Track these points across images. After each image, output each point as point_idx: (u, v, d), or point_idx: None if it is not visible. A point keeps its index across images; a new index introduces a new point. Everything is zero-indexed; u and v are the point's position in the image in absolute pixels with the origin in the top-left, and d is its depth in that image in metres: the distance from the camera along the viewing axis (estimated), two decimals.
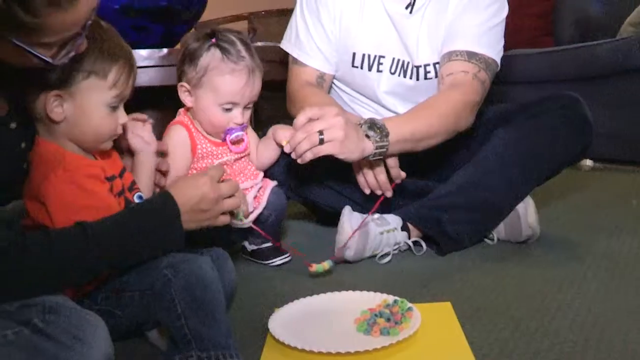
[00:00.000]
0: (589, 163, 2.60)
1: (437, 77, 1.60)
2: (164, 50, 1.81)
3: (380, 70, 1.63)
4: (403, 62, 1.62)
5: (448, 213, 1.52)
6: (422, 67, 1.61)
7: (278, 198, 1.46)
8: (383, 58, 1.62)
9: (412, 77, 1.62)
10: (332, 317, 1.16)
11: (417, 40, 1.59)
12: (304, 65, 1.65)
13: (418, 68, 1.61)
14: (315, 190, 1.66)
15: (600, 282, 1.31)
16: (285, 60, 1.73)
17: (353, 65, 1.64)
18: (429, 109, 1.47)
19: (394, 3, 1.59)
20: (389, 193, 1.52)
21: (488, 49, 1.53)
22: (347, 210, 1.48)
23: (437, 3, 1.57)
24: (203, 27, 1.66)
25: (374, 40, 1.61)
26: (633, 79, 2.55)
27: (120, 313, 0.99)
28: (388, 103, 1.66)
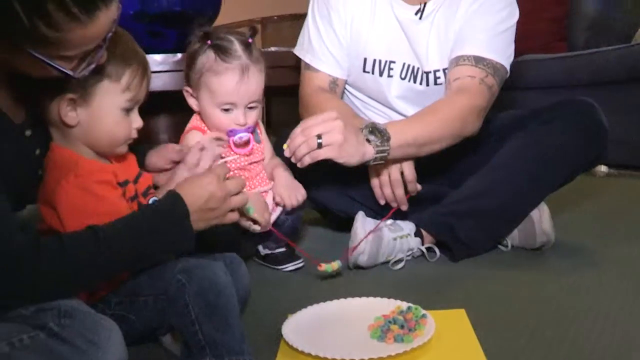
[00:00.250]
0: (604, 169, 2.58)
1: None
2: (178, 55, 1.82)
3: (391, 76, 1.63)
4: (413, 67, 1.62)
5: (461, 219, 1.51)
6: (432, 72, 1.60)
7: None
8: (393, 63, 1.62)
9: (422, 82, 1.62)
10: (345, 323, 1.15)
11: (426, 46, 1.59)
12: (317, 71, 1.66)
13: (428, 74, 1.61)
14: (329, 196, 1.66)
15: (617, 289, 1.30)
16: (298, 65, 1.73)
17: (364, 71, 1.64)
18: (433, 114, 1.47)
19: (404, 9, 1.59)
20: (405, 207, 1.53)
21: (496, 54, 1.52)
22: (360, 216, 1.48)
23: (446, 9, 1.57)
24: (217, 31, 1.67)
25: (385, 46, 1.61)
26: None
27: (134, 318, 0.99)
28: (400, 108, 1.65)
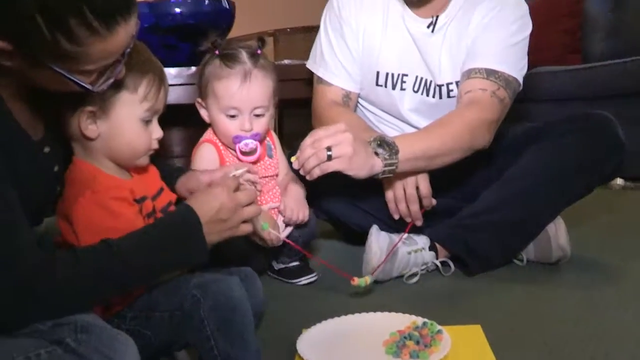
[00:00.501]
0: (620, 182, 2.56)
1: None
2: (192, 69, 1.83)
3: (404, 89, 1.63)
4: (426, 80, 1.61)
5: (476, 233, 1.50)
6: (444, 85, 1.60)
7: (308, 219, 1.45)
8: (406, 76, 1.62)
9: (434, 95, 1.62)
10: (360, 338, 1.14)
11: (439, 59, 1.58)
12: (329, 85, 1.66)
13: (440, 87, 1.60)
14: (343, 209, 1.65)
15: (636, 304, 1.28)
16: (310, 78, 1.73)
17: (377, 84, 1.64)
18: (443, 127, 1.46)
19: (416, 22, 1.58)
20: (419, 222, 1.52)
21: (508, 67, 1.51)
22: (374, 230, 1.47)
23: (458, 21, 1.56)
24: (228, 44, 1.68)
25: (397, 59, 1.61)
26: None
27: (150, 333, 0.98)
28: (413, 121, 1.65)
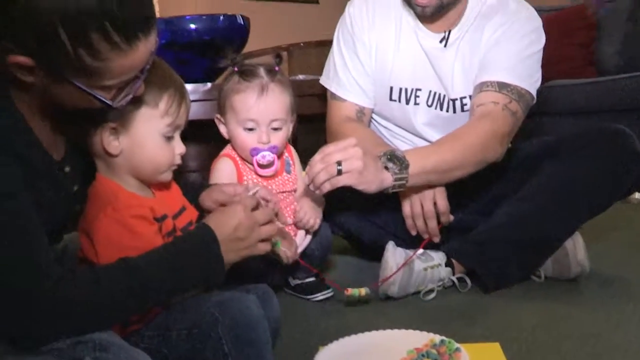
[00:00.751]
0: (638, 196, 2.53)
1: None
2: (208, 85, 1.84)
3: (417, 103, 1.63)
4: (439, 95, 1.61)
5: (493, 249, 1.49)
6: (458, 99, 1.60)
7: (323, 232, 1.46)
8: (419, 91, 1.62)
9: (448, 109, 1.61)
10: (377, 356, 1.13)
11: (452, 74, 1.58)
12: (343, 100, 1.66)
13: (454, 101, 1.60)
14: (358, 225, 1.65)
15: None
16: (324, 93, 1.74)
17: (391, 99, 1.64)
18: (455, 140, 1.46)
19: (428, 37, 1.59)
20: (437, 239, 1.51)
21: (521, 80, 1.50)
22: (390, 246, 1.47)
23: (471, 36, 1.56)
24: (245, 59, 1.70)
25: (410, 74, 1.61)
26: None
27: (167, 351, 0.98)
28: (427, 135, 1.64)
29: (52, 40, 0.78)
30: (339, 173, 1.27)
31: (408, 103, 1.63)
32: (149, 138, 1.02)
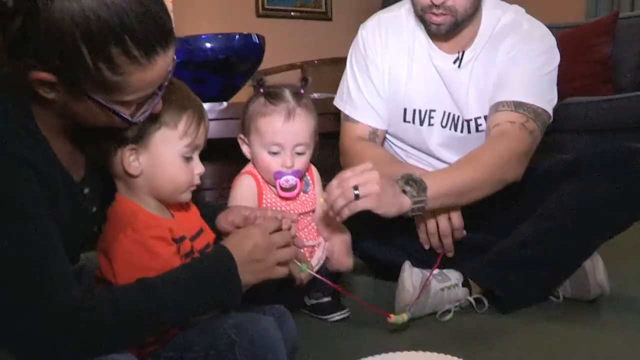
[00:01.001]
0: None
1: None
2: (224, 104, 1.85)
3: (432, 124, 1.62)
4: (454, 115, 1.61)
5: (511, 269, 1.47)
6: (472, 120, 1.59)
7: None
8: (434, 112, 1.61)
9: (463, 130, 1.61)
10: None
11: (466, 94, 1.58)
12: (356, 122, 1.66)
13: (469, 122, 1.59)
14: (374, 245, 1.64)
15: None
16: (337, 112, 1.74)
17: (404, 121, 1.64)
18: (472, 161, 1.44)
19: (442, 58, 1.58)
20: (451, 254, 1.50)
21: (536, 99, 1.49)
22: (407, 266, 1.45)
23: (485, 56, 1.56)
24: (259, 76, 1.70)
25: (424, 95, 1.61)
26: None
27: None
28: (443, 155, 1.64)
29: (73, 55, 0.79)
30: (357, 197, 1.26)
31: (422, 124, 1.63)
32: (169, 158, 1.02)
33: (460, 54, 1.57)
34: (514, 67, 1.52)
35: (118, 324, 0.87)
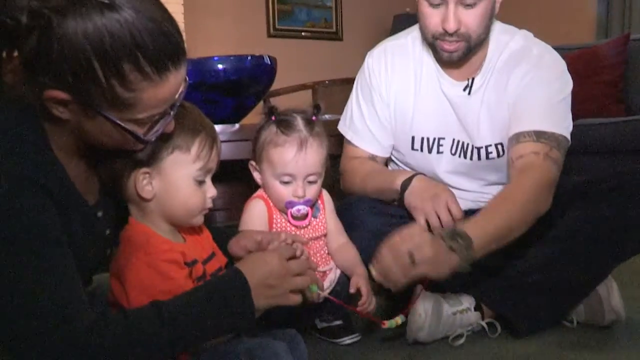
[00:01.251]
0: None
1: (499, 156, 1.56)
2: (236, 126, 1.86)
3: (441, 152, 1.61)
4: (463, 143, 1.59)
5: (523, 293, 1.46)
6: (483, 148, 1.57)
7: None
8: (443, 140, 1.60)
9: (472, 157, 1.59)
10: None
11: (477, 122, 1.56)
12: (357, 147, 1.67)
13: (479, 149, 1.58)
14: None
15: None
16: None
17: (412, 149, 1.63)
18: (506, 202, 1.39)
19: (452, 86, 1.57)
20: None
21: (556, 126, 1.47)
22: (418, 289, 1.44)
23: (495, 82, 1.54)
24: (270, 97, 1.70)
25: (433, 124, 1.60)
26: None
27: None
28: (451, 181, 1.62)
29: (86, 72, 0.80)
30: (412, 262, 1.20)
31: (431, 152, 1.62)
32: (181, 182, 1.03)
33: (470, 81, 1.56)
34: (529, 95, 1.50)
35: (131, 348, 0.86)
